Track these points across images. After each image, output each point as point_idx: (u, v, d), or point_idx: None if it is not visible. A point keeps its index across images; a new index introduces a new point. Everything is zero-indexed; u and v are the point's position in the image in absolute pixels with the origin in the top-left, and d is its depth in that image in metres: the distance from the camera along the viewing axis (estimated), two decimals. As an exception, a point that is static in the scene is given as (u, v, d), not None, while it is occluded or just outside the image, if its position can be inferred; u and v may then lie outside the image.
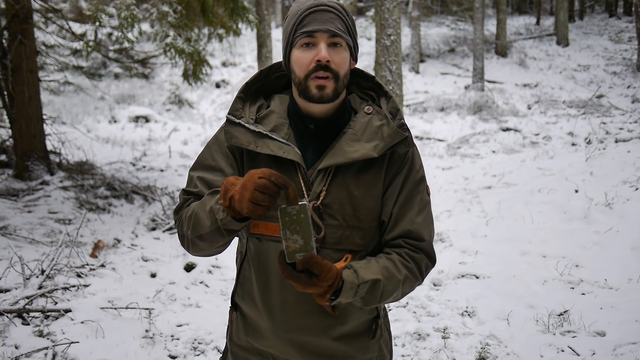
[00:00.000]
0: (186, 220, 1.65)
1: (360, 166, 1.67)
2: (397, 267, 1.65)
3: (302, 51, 1.63)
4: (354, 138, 1.66)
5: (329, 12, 1.62)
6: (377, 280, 1.58)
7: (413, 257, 1.69)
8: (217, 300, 4.86)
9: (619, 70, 16.71)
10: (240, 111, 1.73)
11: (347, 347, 1.76)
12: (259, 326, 1.79)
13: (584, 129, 10.75)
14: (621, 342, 3.89)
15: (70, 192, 7.07)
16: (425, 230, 1.72)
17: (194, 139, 12.89)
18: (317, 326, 1.72)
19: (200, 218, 1.58)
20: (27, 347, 3.63)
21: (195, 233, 1.61)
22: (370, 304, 1.63)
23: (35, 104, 7.27)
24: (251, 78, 1.79)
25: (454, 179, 8.64)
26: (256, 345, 1.82)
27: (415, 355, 3.99)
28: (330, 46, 1.61)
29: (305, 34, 1.61)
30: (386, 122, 1.68)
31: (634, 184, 6.44)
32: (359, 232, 1.67)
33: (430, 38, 23.01)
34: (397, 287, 1.64)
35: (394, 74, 8.26)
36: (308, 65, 1.61)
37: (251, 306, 1.79)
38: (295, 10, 1.66)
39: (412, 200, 1.71)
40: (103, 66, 16.68)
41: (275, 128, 1.70)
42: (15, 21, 6.89)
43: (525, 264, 5.35)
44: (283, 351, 1.77)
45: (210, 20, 7.45)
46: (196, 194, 1.72)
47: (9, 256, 4.88)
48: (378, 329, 1.81)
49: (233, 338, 1.90)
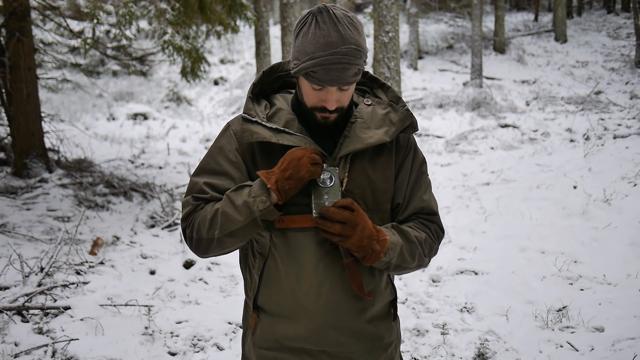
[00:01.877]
0: (207, 222, 1.68)
1: (373, 152, 1.78)
2: (416, 230, 1.81)
3: (311, 88, 1.67)
4: (365, 126, 1.76)
5: (343, 64, 1.59)
6: (402, 229, 1.76)
7: (426, 224, 1.86)
8: (216, 297, 4.87)
9: (617, 66, 16.71)
10: (252, 110, 1.77)
11: (377, 329, 1.84)
12: (293, 320, 1.77)
13: (583, 125, 10.75)
14: (620, 337, 3.90)
15: (69, 189, 7.06)
16: (434, 205, 1.89)
17: (193, 136, 12.88)
18: (353, 308, 1.77)
19: (230, 215, 1.64)
20: (26, 345, 3.63)
21: (224, 231, 1.66)
22: (406, 263, 1.75)
23: (34, 102, 7.26)
24: (257, 79, 1.84)
25: (453, 176, 8.65)
26: (287, 343, 1.80)
27: (415, 351, 4.00)
28: (340, 90, 1.66)
29: (316, 81, 1.62)
30: (392, 109, 1.81)
31: (632, 179, 6.45)
32: (378, 214, 1.78)
33: (428, 35, 23.01)
34: (421, 246, 1.78)
35: (392, 70, 8.26)
36: (315, 103, 1.68)
37: (282, 302, 1.78)
38: (311, 48, 1.60)
39: (419, 181, 1.86)
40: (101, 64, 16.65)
41: (287, 124, 1.76)
42: (13, 19, 6.88)
43: (524, 260, 5.36)
44: (320, 338, 1.77)
45: (208, 17, 7.45)
46: (208, 199, 1.74)
47: (8, 254, 4.88)
48: (396, 311, 1.91)
49: (258, 342, 1.85)
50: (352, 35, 1.59)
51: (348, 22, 1.59)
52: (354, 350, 1.80)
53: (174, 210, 6.89)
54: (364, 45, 1.63)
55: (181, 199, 7.38)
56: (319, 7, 1.62)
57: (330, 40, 1.57)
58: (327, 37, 1.57)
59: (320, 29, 1.58)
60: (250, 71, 19.52)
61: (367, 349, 1.82)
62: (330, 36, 1.57)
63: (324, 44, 1.57)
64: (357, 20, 1.64)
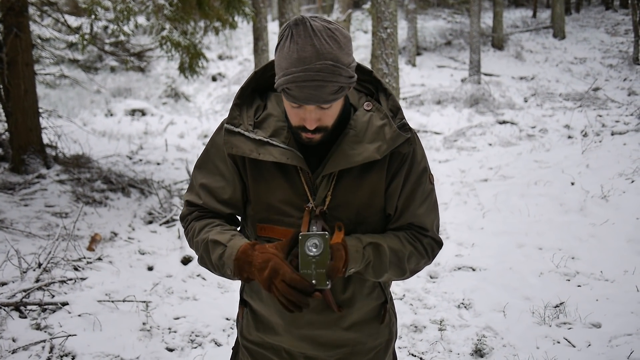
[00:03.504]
0: (193, 243, 1.77)
1: (362, 167, 1.66)
2: (402, 242, 1.71)
3: (290, 106, 1.56)
4: (356, 140, 1.63)
5: (317, 81, 1.45)
6: (379, 244, 1.64)
7: (418, 237, 1.75)
8: (214, 293, 4.87)
9: (616, 63, 16.72)
10: (238, 118, 1.68)
11: (359, 335, 1.81)
12: (270, 322, 1.82)
13: (580, 122, 10.76)
14: (617, 333, 3.92)
15: (67, 185, 7.06)
16: (427, 220, 1.77)
17: (191, 132, 12.86)
18: (327, 319, 1.76)
19: (211, 254, 1.67)
20: (24, 340, 3.64)
21: (203, 261, 1.73)
22: (381, 272, 1.66)
23: (31, 98, 7.25)
24: (246, 82, 1.73)
25: (451, 172, 8.65)
26: (268, 340, 1.85)
27: (412, 347, 4.01)
28: (320, 109, 1.53)
29: (292, 99, 1.51)
30: (388, 122, 1.65)
31: (630, 176, 6.45)
32: (362, 226, 1.70)
33: (426, 31, 22.98)
34: (402, 260, 1.69)
35: (390, 67, 8.26)
36: (297, 122, 1.58)
37: (260, 303, 1.82)
38: (285, 63, 1.48)
39: (414, 193, 1.73)
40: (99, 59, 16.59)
41: (275, 132, 1.67)
42: (11, 14, 6.86)
43: (521, 256, 5.37)
44: (295, 345, 1.80)
45: (206, 13, 7.42)
46: (200, 206, 1.77)
47: (5, 250, 4.88)
48: (387, 313, 1.87)
49: (244, 333, 1.91)
50: (330, 49, 1.45)
51: (327, 35, 1.45)
52: (332, 354, 1.82)
53: (171, 206, 6.89)
54: (346, 60, 1.49)
55: (179, 194, 7.39)
56: (297, 18, 1.49)
57: (304, 56, 1.44)
58: (301, 52, 1.44)
59: (294, 43, 1.46)
60: (249, 67, 19.48)
61: (346, 353, 1.83)
62: (304, 51, 1.44)
63: (297, 60, 1.45)
64: (341, 33, 1.50)
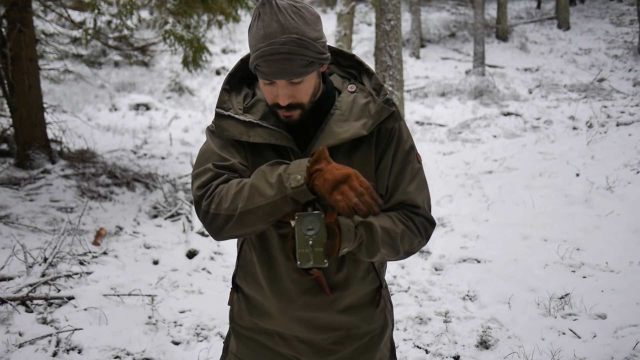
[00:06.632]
0: (231, 196, 1.57)
1: (350, 145, 1.69)
2: (394, 221, 1.71)
3: (263, 84, 1.61)
4: (342, 118, 1.68)
5: (282, 54, 1.52)
6: (371, 223, 1.62)
7: (410, 217, 1.75)
8: (219, 287, 4.89)
9: (620, 53, 16.62)
10: (227, 103, 1.72)
11: (353, 318, 1.82)
12: (264, 306, 1.82)
13: (585, 113, 10.71)
14: (622, 324, 3.91)
15: (72, 180, 7.08)
16: (418, 197, 1.77)
17: (195, 127, 12.86)
18: (323, 301, 1.76)
19: (260, 188, 1.54)
20: (31, 334, 3.66)
21: (249, 205, 1.54)
22: (374, 251, 1.65)
23: (36, 93, 7.26)
24: (233, 68, 1.77)
25: (455, 164, 8.64)
26: (261, 324, 1.85)
27: (417, 339, 4.02)
28: (291, 84, 1.58)
29: (262, 75, 1.57)
30: (372, 99, 1.69)
31: (635, 167, 6.43)
32: None
33: (430, 23, 22.88)
34: (394, 239, 1.68)
35: (394, 59, 8.23)
36: (271, 100, 1.62)
37: (254, 287, 1.82)
38: (254, 41, 1.56)
39: (404, 171, 1.75)
40: (103, 54, 16.61)
41: (264, 116, 1.70)
42: (14, 9, 6.86)
43: (526, 247, 5.37)
44: (290, 328, 1.81)
45: (209, 6, 7.41)
46: (229, 167, 1.66)
47: (11, 244, 4.90)
48: (382, 299, 1.87)
49: (235, 319, 1.92)
50: (295, 24, 1.52)
51: (292, 12, 1.52)
52: (326, 337, 1.82)
53: (176, 200, 6.90)
54: (312, 35, 1.55)
55: (184, 188, 7.39)
56: None
57: (269, 31, 1.52)
58: (267, 28, 1.52)
59: (261, 21, 1.53)
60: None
61: (340, 336, 1.83)
62: (270, 27, 1.52)
63: (263, 36, 1.52)
64: (308, 10, 1.57)
